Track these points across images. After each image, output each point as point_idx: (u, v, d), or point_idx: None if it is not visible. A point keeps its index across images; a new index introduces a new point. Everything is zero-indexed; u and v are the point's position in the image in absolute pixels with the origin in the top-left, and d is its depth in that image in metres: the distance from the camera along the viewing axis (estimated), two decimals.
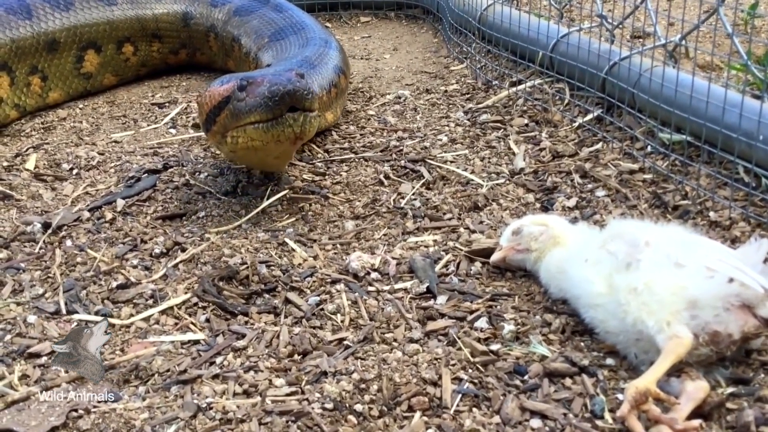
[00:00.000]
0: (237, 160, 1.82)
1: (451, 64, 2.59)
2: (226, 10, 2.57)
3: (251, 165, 1.84)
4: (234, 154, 1.73)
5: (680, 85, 1.67)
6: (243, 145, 1.60)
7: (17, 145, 2.17)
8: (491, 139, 1.97)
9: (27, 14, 2.29)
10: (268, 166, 1.81)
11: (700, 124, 1.58)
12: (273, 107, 1.50)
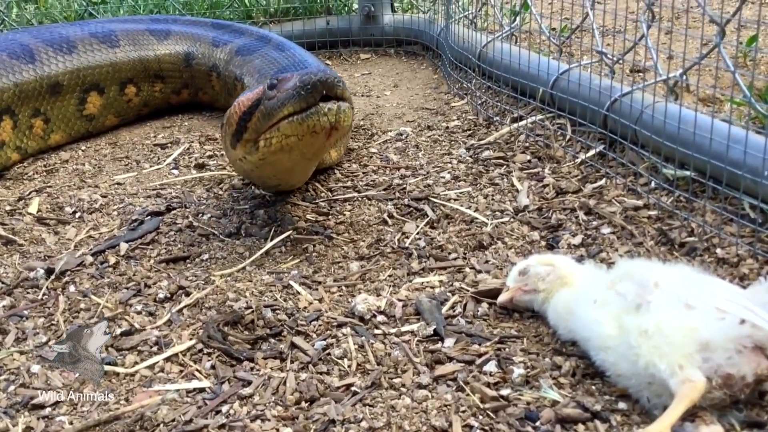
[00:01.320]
0: (265, 171, 1.75)
1: (451, 100, 2.61)
2: (228, 49, 2.59)
3: (278, 175, 1.80)
4: (264, 162, 1.67)
5: (682, 121, 1.67)
6: (277, 146, 1.59)
7: (20, 188, 2.17)
8: (494, 175, 1.96)
9: (30, 58, 2.31)
10: (295, 174, 1.81)
11: (704, 160, 1.58)
12: (306, 96, 1.50)
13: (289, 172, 1.78)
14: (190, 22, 2.75)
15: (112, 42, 2.51)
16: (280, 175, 1.80)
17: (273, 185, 1.90)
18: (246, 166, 1.75)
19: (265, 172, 1.77)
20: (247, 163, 1.73)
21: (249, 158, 1.70)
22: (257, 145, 1.63)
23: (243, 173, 1.91)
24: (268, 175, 1.80)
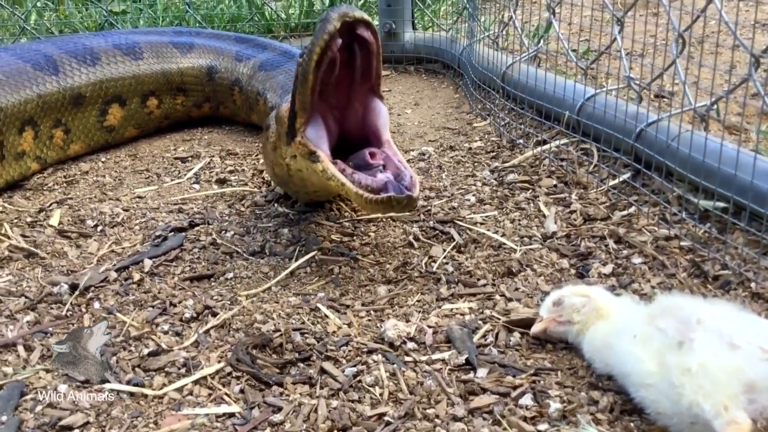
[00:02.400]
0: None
1: (473, 120, 2.59)
2: (251, 64, 2.58)
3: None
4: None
5: (713, 152, 1.66)
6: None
7: (40, 199, 2.16)
8: (520, 200, 1.95)
9: (54, 69, 2.31)
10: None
11: (735, 191, 1.56)
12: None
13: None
14: (213, 35, 2.75)
15: (136, 54, 2.51)
16: (327, 184, 1.70)
17: (312, 191, 1.86)
18: (295, 165, 1.72)
19: (312, 177, 1.71)
20: (297, 162, 1.70)
21: (304, 159, 1.66)
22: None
23: (285, 179, 1.85)
24: (315, 179, 1.72)
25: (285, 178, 1.85)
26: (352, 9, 1.52)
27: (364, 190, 1.52)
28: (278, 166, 1.82)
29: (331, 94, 1.67)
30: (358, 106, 1.69)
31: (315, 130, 1.65)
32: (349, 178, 1.56)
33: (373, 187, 1.53)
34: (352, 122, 1.71)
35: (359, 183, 1.54)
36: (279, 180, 1.94)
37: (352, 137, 1.72)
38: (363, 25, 1.54)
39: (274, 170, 1.89)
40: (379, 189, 1.52)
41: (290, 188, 1.93)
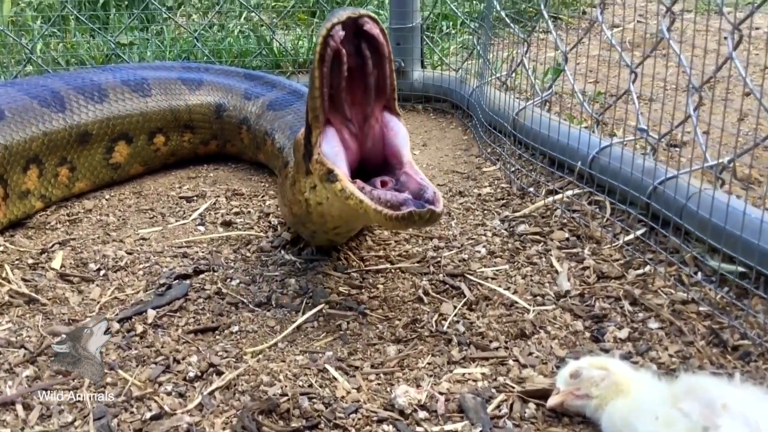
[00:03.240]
0: (334, 202, 1.63)
1: (482, 164, 2.57)
2: (260, 103, 2.56)
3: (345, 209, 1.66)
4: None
5: (733, 214, 1.63)
6: None
7: (42, 239, 2.12)
8: (532, 253, 1.91)
9: (60, 106, 2.28)
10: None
11: (758, 259, 1.53)
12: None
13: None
14: (222, 71, 2.73)
15: (144, 91, 2.49)
16: (348, 212, 1.64)
17: (331, 228, 1.78)
18: (314, 198, 1.66)
19: (332, 208, 1.65)
20: (317, 193, 1.65)
21: (324, 185, 1.58)
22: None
23: (304, 218, 1.77)
24: (335, 211, 1.67)
25: (303, 216, 1.78)
26: (358, 8, 1.47)
27: (384, 206, 1.45)
28: (297, 204, 1.76)
29: (344, 105, 1.58)
30: (374, 123, 1.61)
31: (331, 146, 1.57)
32: (368, 195, 1.49)
33: (393, 203, 1.45)
34: (370, 142, 1.62)
35: (378, 199, 1.47)
36: (296, 220, 1.85)
37: (372, 161, 1.64)
38: (369, 20, 1.48)
39: (292, 209, 1.82)
40: (399, 204, 1.45)
41: (308, 228, 1.85)
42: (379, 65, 1.54)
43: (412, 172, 1.56)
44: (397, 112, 1.64)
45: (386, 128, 1.62)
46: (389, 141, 1.62)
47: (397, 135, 1.62)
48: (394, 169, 1.59)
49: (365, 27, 1.48)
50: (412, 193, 1.49)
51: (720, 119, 1.80)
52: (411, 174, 1.55)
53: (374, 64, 1.53)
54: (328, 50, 1.47)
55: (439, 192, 1.49)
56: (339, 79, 1.53)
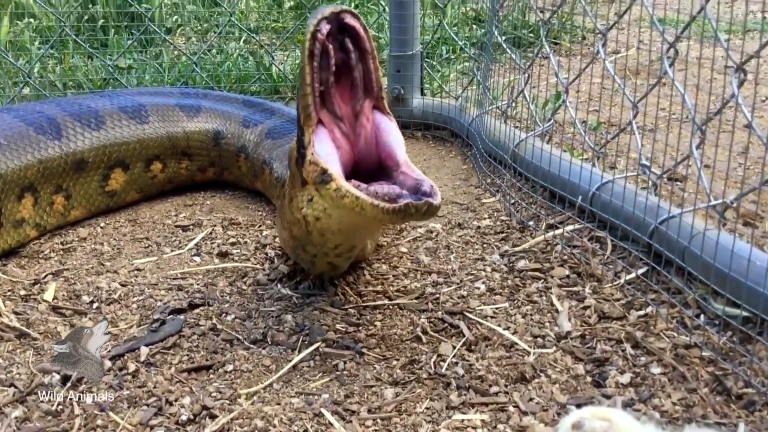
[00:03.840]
0: (333, 216, 1.62)
1: (482, 195, 2.55)
2: (258, 131, 2.54)
3: (345, 224, 1.64)
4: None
5: (737, 256, 1.61)
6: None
7: (35, 268, 2.09)
8: (532, 291, 1.89)
9: (57, 134, 2.26)
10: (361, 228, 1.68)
11: (759, 299, 1.50)
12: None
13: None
14: (221, 97, 2.71)
15: (142, 118, 2.46)
16: (347, 220, 1.63)
17: (332, 248, 1.75)
18: (312, 212, 1.64)
19: (331, 220, 1.63)
20: (314, 206, 1.63)
21: (320, 192, 1.56)
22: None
23: (304, 239, 1.74)
24: (334, 224, 1.65)
25: (303, 237, 1.75)
26: (340, 5, 1.54)
27: (381, 200, 1.44)
28: (296, 224, 1.73)
29: (334, 102, 1.59)
30: (365, 121, 1.61)
31: (323, 146, 1.57)
32: (364, 191, 1.48)
33: (390, 196, 1.45)
34: (363, 142, 1.62)
35: (375, 194, 1.46)
36: (296, 244, 1.82)
37: (366, 162, 1.63)
38: (350, 15, 1.53)
39: (292, 231, 1.79)
40: (396, 197, 1.45)
41: (308, 252, 1.81)
42: (362, 60, 1.57)
43: (409, 170, 1.55)
44: (388, 111, 1.64)
45: (378, 128, 1.62)
46: (382, 141, 1.61)
47: (389, 135, 1.61)
48: (391, 171, 1.58)
49: (346, 20, 1.53)
50: (410, 189, 1.49)
51: (722, 151, 1.78)
52: (408, 173, 1.55)
53: (357, 59, 1.56)
54: (316, 44, 1.51)
55: (435, 185, 1.48)
56: (327, 74, 1.55)
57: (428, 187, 1.47)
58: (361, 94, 1.60)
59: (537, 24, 4.11)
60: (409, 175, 1.54)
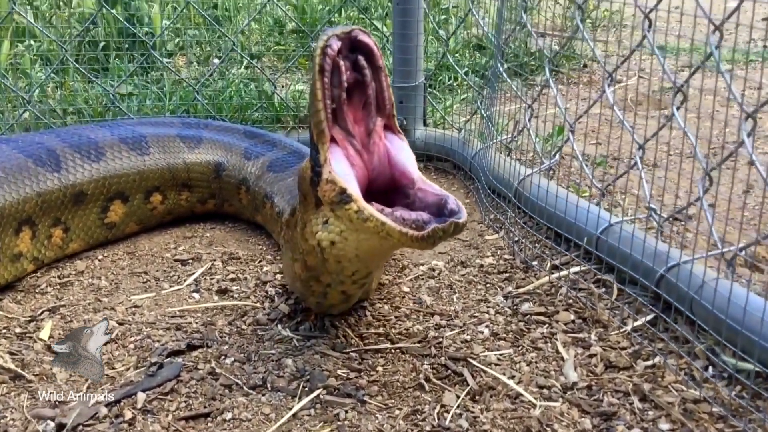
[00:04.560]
0: (350, 240, 1.58)
1: (485, 232, 2.52)
2: (260, 163, 2.51)
3: (362, 248, 1.59)
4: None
5: (741, 303, 1.58)
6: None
7: (31, 303, 2.06)
8: (536, 337, 1.86)
9: (56, 166, 2.23)
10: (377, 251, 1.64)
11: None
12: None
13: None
14: (222, 128, 2.69)
15: (142, 149, 2.44)
16: (366, 245, 1.58)
17: (349, 275, 1.70)
18: (327, 236, 1.59)
19: (347, 244, 1.59)
20: (330, 229, 1.58)
21: (336, 213, 1.53)
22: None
23: (319, 268, 1.69)
24: (351, 249, 1.60)
25: (319, 266, 1.69)
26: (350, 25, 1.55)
27: (408, 227, 1.42)
28: (311, 253, 1.67)
29: (347, 119, 1.57)
30: (378, 140, 1.59)
31: (339, 165, 1.54)
32: (390, 216, 1.45)
33: (418, 223, 1.43)
34: (376, 160, 1.60)
35: (402, 221, 1.43)
36: (310, 275, 1.75)
37: (379, 181, 1.61)
38: (361, 32, 1.53)
39: (307, 262, 1.72)
40: (424, 223, 1.42)
41: (323, 282, 1.75)
42: (375, 77, 1.56)
43: (426, 186, 1.54)
44: (398, 130, 1.64)
45: (390, 147, 1.61)
46: (395, 159, 1.60)
47: (402, 153, 1.60)
48: (407, 189, 1.56)
49: (359, 37, 1.52)
50: (434, 207, 1.47)
51: (726, 187, 1.76)
52: (426, 188, 1.53)
53: (372, 77, 1.56)
54: (327, 60, 1.50)
55: (458, 201, 1.46)
56: (339, 91, 1.54)
57: (453, 204, 1.46)
58: (374, 109, 1.59)
59: (538, 52, 4.11)
60: (428, 191, 1.52)
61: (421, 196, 1.52)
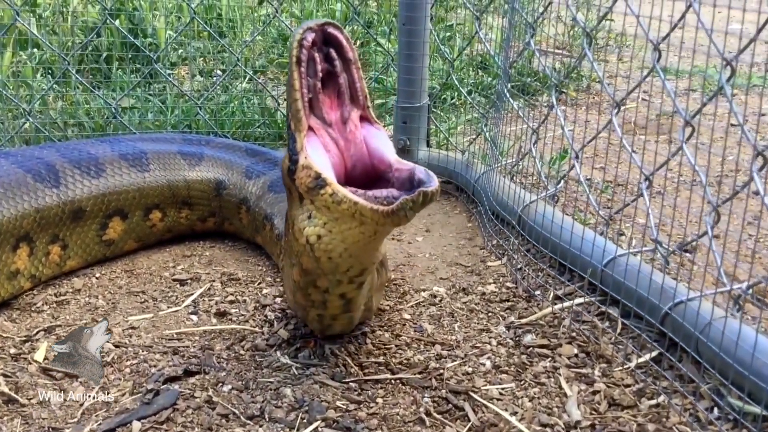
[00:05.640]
0: (337, 229, 1.57)
1: (487, 258, 2.49)
2: (261, 183, 2.48)
3: (351, 240, 1.58)
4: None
5: (748, 343, 1.56)
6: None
7: (27, 322, 2.03)
8: (539, 371, 1.83)
9: (55, 181, 2.20)
10: (368, 244, 1.62)
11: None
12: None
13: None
14: (224, 145, 2.67)
15: (142, 166, 2.41)
16: (350, 234, 1.57)
17: (344, 271, 1.66)
18: (313, 231, 1.58)
19: (334, 237, 1.57)
20: (314, 225, 1.58)
21: (315, 202, 1.54)
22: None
23: (315, 271, 1.67)
24: (338, 242, 1.58)
25: (314, 267, 1.66)
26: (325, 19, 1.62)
27: (379, 204, 1.43)
28: (304, 254, 1.64)
29: (322, 108, 1.62)
30: (354, 128, 1.63)
31: (315, 152, 1.57)
32: (363, 196, 1.47)
33: (388, 199, 1.44)
34: (353, 148, 1.63)
35: (374, 198, 1.45)
36: (308, 280, 1.72)
37: (358, 171, 1.63)
38: (333, 27, 1.59)
39: (302, 265, 1.69)
40: (394, 198, 1.43)
41: (320, 288, 1.72)
42: (346, 69, 1.62)
43: (401, 165, 1.55)
44: (375, 120, 1.66)
45: (367, 136, 1.64)
46: (373, 147, 1.63)
47: (379, 140, 1.63)
48: (386, 174, 1.58)
49: (329, 30, 1.58)
50: (405, 182, 1.49)
51: (733, 218, 1.74)
52: (401, 167, 1.55)
53: (342, 68, 1.61)
54: (303, 51, 1.56)
55: (429, 171, 1.48)
56: (315, 80, 1.59)
57: (421, 173, 1.47)
58: (347, 102, 1.64)
59: (542, 73, 4.09)
60: (402, 169, 1.54)
61: (397, 176, 1.55)
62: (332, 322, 1.85)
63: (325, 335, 1.93)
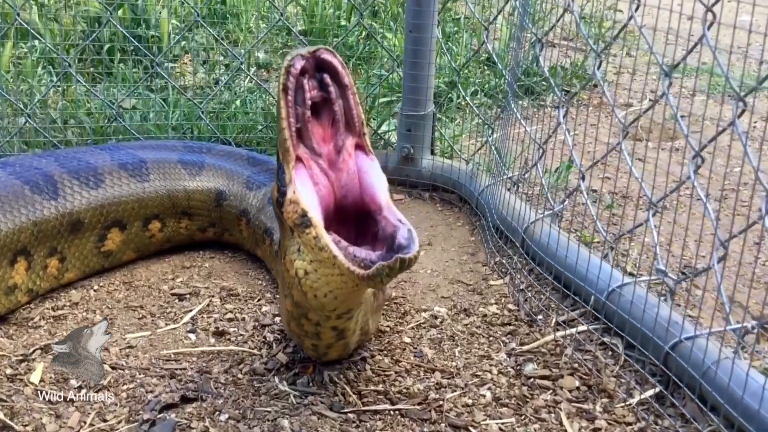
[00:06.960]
0: (325, 268, 1.53)
1: (489, 276, 2.47)
2: (262, 194, 2.45)
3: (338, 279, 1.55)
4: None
5: (756, 389, 1.54)
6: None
7: (23, 339, 2.01)
8: (540, 405, 1.81)
9: (53, 193, 2.17)
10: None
11: None
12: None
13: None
14: (225, 154, 2.63)
15: (142, 175, 2.38)
16: (333, 279, 1.55)
17: (331, 309, 1.64)
18: (302, 265, 1.57)
19: (319, 276, 1.55)
20: (302, 259, 1.56)
21: (301, 237, 1.50)
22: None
23: (305, 305, 1.65)
24: (323, 282, 1.56)
25: (303, 301, 1.64)
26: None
27: (357, 266, 1.41)
28: (294, 286, 1.63)
29: (312, 138, 1.56)
30: (347, 157, 1.59)
31: (305, 187, 1.53)
32: (343, 251, 1.43)
33: (366, 262, 1.41)
34: (344, 178, 1.59)
35: (353, 257, 1.42)
36: (300, 312, 1.71)
37: (349, 201, 1.60)
38: (326, 51, 1.54)
39: (294, 297, 1.68)
40: (371, 262, 1.40)
41: (312, 320, 1.71)
42: (342, 95, 1.57)
43: (389, 214, 1.52)
44: (370, 150, 1.62)
45: (360, 170, 1.60)
46: (366, 183, 1.59)
47: (372, 176, 1.59)
48: (375, 214, 1.55)
49: (322, 56, 1.53)
50: (390, 240, 1.45)
51: (736, 240, 1.71)
52: (388, 217, 1.51)
53: (337, 94, 1.56)
54: (290, 79, 1.51)
55: (413, 231, 1.43)
56: (303, 109, 1.54)
57: (403, 238, 1.43)
58: (343, 130, 1.59)
59: (551, 70, 4.04)
60: (389, 221, 1.50)
61: (383, 225, 1.51)
62: (327, 350, 1.83)
63: (322, 361, 1.91)
